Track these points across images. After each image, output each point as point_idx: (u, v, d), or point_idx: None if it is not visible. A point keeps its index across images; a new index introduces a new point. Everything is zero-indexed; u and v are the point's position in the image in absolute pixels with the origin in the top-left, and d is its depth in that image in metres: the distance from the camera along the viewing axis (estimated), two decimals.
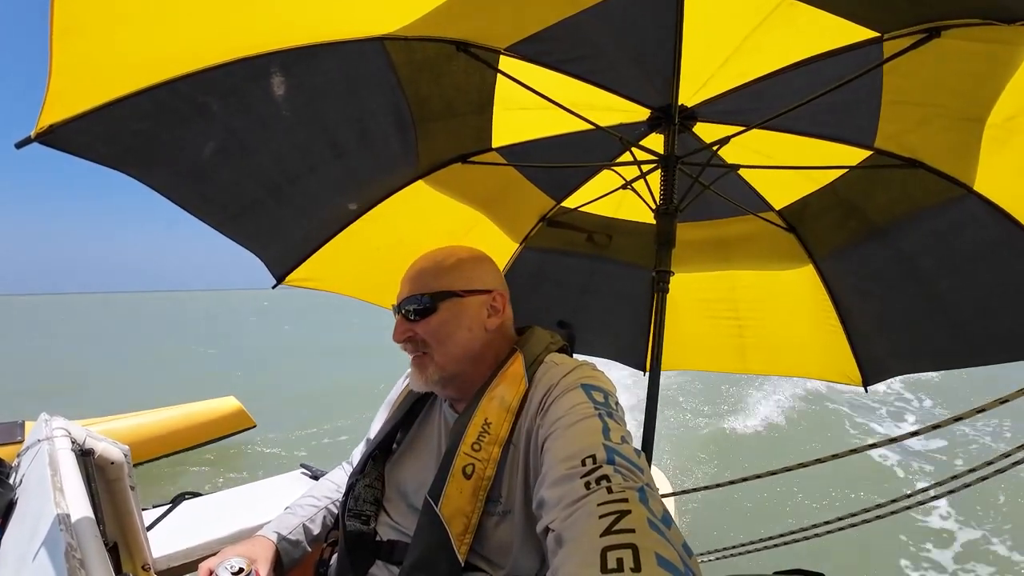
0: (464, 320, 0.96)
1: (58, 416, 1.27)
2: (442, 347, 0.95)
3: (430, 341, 0.95)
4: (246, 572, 0.93)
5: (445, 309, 0.95)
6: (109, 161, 1.05)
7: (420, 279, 0.98)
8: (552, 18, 1.22)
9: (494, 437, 0.85)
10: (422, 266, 1.00)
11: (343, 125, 1.38)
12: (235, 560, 0.94)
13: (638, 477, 0.63)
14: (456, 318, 0.96)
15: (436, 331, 0.95)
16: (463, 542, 0.79)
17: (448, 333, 0.95)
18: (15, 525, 0.99)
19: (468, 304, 0.97)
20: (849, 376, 2.12)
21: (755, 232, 2.02)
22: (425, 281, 0.97)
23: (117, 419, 5.67)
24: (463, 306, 0.97)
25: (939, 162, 1.45)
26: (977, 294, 1.61)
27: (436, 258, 1.01)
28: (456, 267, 0.99)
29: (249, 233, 1.53)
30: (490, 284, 1.00)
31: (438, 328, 0.95)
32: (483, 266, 1.03)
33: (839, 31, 1.20)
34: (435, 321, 0.95)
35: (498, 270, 1.06)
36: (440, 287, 0.96)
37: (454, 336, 0.95)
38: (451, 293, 0.96)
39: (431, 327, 0.95)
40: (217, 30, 0.95)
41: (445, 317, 0.95)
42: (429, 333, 0.95)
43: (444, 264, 0.99)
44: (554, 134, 1.79)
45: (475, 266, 1.01)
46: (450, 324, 0.95)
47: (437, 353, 0.95)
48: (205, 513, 1.87)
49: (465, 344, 0.96)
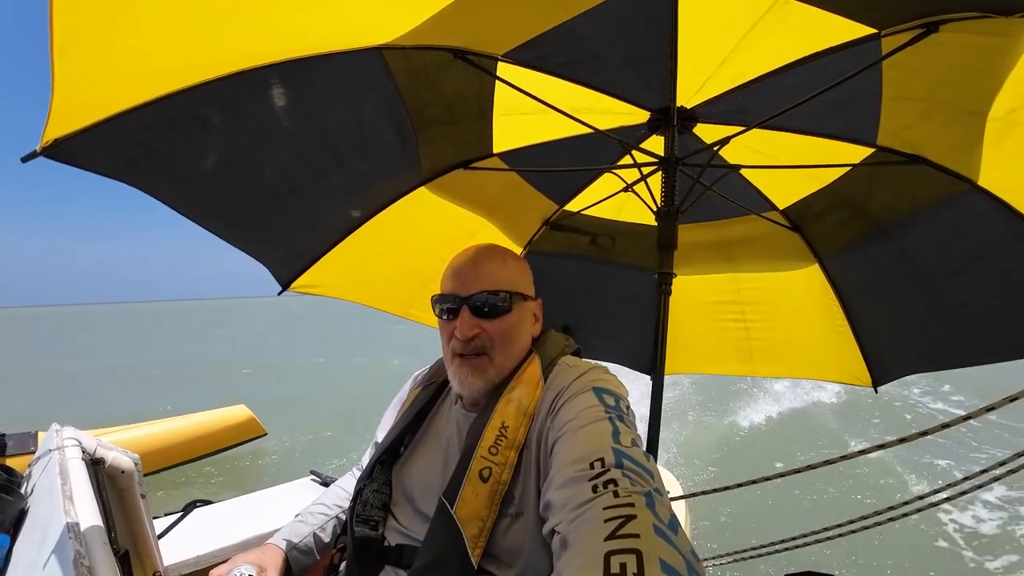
0: (527, 325, 0.95)
1: (69, 426, 1.29)
2: (507, 349, 0.93)
3: (498, 341, 0.92)
4: None
5: (518, 310, 0.93)
6: (113, 173, 1.07)
7: (493, 273, 0.93)
8: (547, 24, 1.23)
9: (511, 441, 0.84)
10: (488, 258, 0.95)
11: (343, 134, 1.39)
12: (245, 567, 0.95)
13: (646, 481, 0.63)
14: (523, 321, 0.95)
15: (508, 331, 0.92)
16: (477, 545, 0.79)
17: (516, 335, 0.93)
18: (26, 534, 1.00)
19: (529, 309, 0.96)
20: (858, 377, 2.10)
21: (759, 232, 2.01)
22: (498, 276, 0.93)
23: (128, 429, 5.72)
24: (527, 310, 0.95)
25: (942, 157, 1.43)
26: (985, 290, 1.59)
27: (500, 254, 0.97)
28: (518, 268, 0.97)
29: (254, 241, 1.54)
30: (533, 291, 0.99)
31: (511, 329, 0.92)
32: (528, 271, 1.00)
33: (836, 29, 1.19)
34: (509, 321, 0.92)
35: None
36: (516, 287, 0.94)
37: (520, 339, 0.94)
38: (522, 294, 0.94)
39: (505, 327, 0.92)
40: (216, 43, 0.96)
41: (517, 319, 0.93)
42: (501, 333, 0.92)
43: (509, 262, 0.96)
44: (555, 138, 1.79)
45: (526, 270, 0.99)
46: (519, 326, 0.94)
47: (500, 355, 0.92)
48: (216, 521, 1.89)
49: (522, 349, 0.95)
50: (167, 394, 11.09)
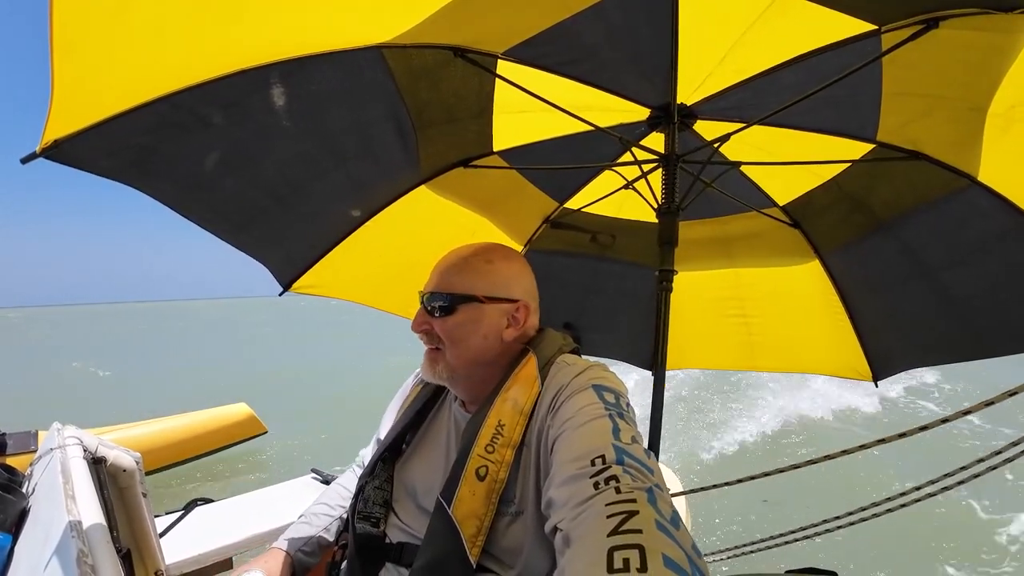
0: (481, 327, 0.95)
1: (70, 425, 1.29)
2: (455, 348, 0.94)
3: (445, 339, 0.95)
4: None
5: (463, 312, 0.94)
6: (113, 174, 1.07)
7: (446, 275, 0.97)
8: (548, 21, 1.23)
9: (507, 439, 0.84)
10: (452, 261, 0.99)
11: (344, 133, 1.39)
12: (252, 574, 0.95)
13: (647, 478, 0.63)
14: (473, 323, 0.94)
15: (451, 332, 0.94)
16: (475, 544, 0.78)
17: (462, 336, 0.94)
18: (28, 533, 1.00)
19: (488, 311, 0.95)
20: (859, 371, 2.10)
21: (760, 229, 2.01)
22: (450, 279, 0.96)
23: (129, 427, 5.73)
24: (482, 312, 0.95)
25: (942, 153, 1.44)
26: (985, 285, 1.59)
27: (467, 255, 0.99)
28: (485, 271, 0.97)
29: (254, 242, 1.54)
30: (517, 294, 0.98)
31: (453, 329, 0.94)
32: (515, 273, 1.00)
33: (836, 25, 1.19)
34: (452, 322, 0.94)
35: (532, 279, 1.03)
36: (463, 289, 0.95)
37: (467, 340, 0.94)
38: (472, 297, 0.94)
39: (447, 327, 0.94)
40: (216, 43, 0.96)
41: (462, 320, 0.94)
42: (444, 332, 0.94)
43: (473, 264, 0.98)
44: (555, 136, 1.79)
45: (506, 272, 0.99)
46: (466, 328, 0.94)
47: (449, 353, 0.95)
48: (217, 519, 1.89)
49: (477, 350, 0.95)
50: (168, 393, 11.09)
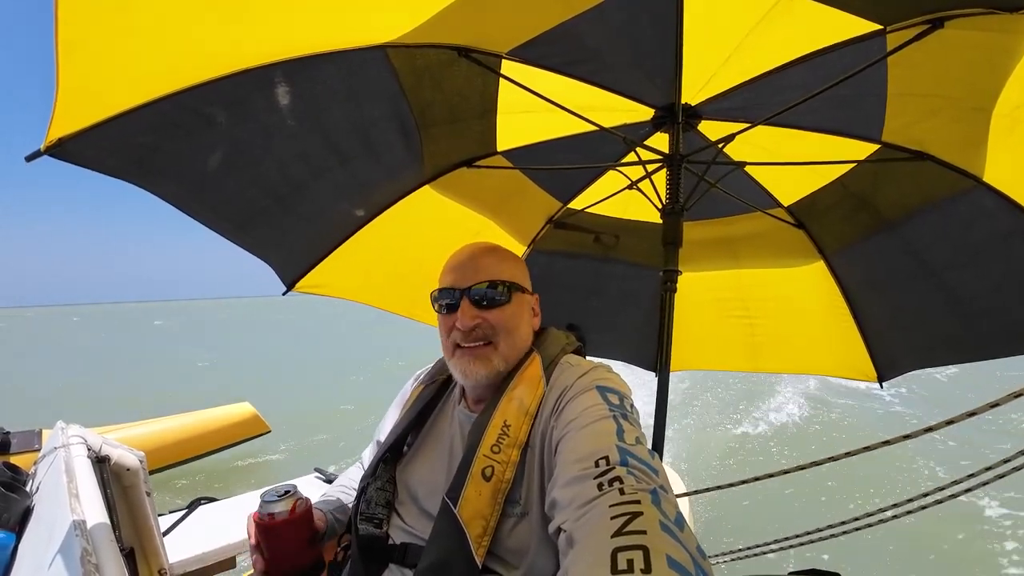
0: (526, 315, 0.98)
1: (74, 424, 1.30)
2: (510, 338, 0.94)
3: (501, 330, 0.94)
4: (292, 493, 0.95)
5: (517, 301, 0.96)
6: (117, 172, 1.07)
7: (491, 266, 0.96)
8: (552, 21, 1.23)
9: (513, 439, 0.84)
10: (485, 254, 0.99)
11: (347, 133, 1.39)
12: (283, 484, 0.97)
13: (651, 479, 0.63)
14: (523, 312, 0.97)
15: (508, 321, 0.94)
16: (481, 544, 0.78)
17: (517, 325, 0.96)
18: (32, 531, 1.01)
19: (527, 301, 0.99)
20: (864, 372, 2.09)
21: (764, 229, 2.01)
22: (498, 268, 0.96)
23: (133, 426, 5.74)
24: (525, 302, 0.99)
25: (947, 154, 1.43)
26: (990, 286, 1.58)
27: (492, 247, 1.01)
28: (515, 261, 1.01)
29: (258, 241, 1.54)
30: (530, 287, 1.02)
31: (511, 319, 0.95)
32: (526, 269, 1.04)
33: (841, 25, 1.19)
34: (509, 311, 0.95)
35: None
36: (512, 278, 0.97)
37: (520, 329, 0.96)
38: (521, 287, 0.97)
39: (505, 316, 0.94)
40: (220, 42, 0.96)
41: (516, 309, 0.96)
42: (502, 322, 0.94)
43: (503, 255, 1.00)
44: (559, 136, 1.79)
45: (522, 265, 1.03)
46: (520, 316, 0.97)
47: (505, 344, 0.94)
48: (221, 518, 1.90)
49: (525, 340, 0.97)
50: (170, 392, 11.12)
